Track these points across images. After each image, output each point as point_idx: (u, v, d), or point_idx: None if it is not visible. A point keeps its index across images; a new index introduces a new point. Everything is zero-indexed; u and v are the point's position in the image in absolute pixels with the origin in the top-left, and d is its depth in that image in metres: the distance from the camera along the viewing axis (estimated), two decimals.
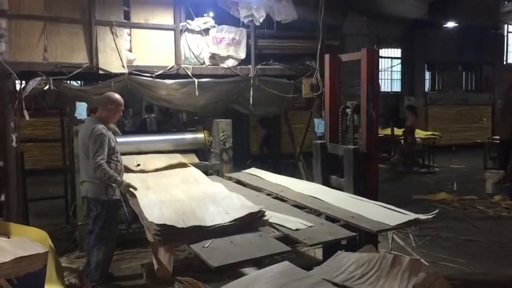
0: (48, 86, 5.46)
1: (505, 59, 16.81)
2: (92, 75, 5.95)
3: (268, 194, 4.80)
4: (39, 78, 5.40)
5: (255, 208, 3.63)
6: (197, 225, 3.31)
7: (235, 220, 3.45)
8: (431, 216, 3.62)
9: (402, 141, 11.22)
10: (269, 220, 3.62)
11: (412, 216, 3.61)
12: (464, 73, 15.89)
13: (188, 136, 6.58)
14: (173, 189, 4.67)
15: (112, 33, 5.83)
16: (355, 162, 4.57)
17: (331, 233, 3.44)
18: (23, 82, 5.51)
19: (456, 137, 14.46)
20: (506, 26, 16.38)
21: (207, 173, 5.70)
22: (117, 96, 4.62)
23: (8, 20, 5.34)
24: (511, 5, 13.64)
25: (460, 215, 7.19)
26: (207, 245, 3.15)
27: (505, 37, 16.79)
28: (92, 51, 5.76)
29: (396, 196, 7.52)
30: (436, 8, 13.35)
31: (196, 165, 5.85)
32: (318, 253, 4.97)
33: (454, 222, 6.73)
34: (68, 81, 5.96)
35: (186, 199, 4.19)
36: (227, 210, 3.64)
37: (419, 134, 11.58)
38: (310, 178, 5.95)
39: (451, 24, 13.85)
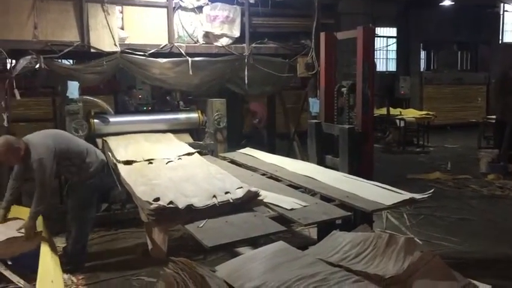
0: (39, 64, 5.37)
1: (500, 38, 16.71)
2: (84, 53, 5.84)
3: (263, 174, 4.78)
4: (30, 57, 5.30)
5: (249, 188, 3.61)
6: (191, 205, 3.29)
7: (229, 200, 3.44)
8: (426, 196, 3.62)
9: (397, 120, 11.20)
10: (264, 200, 3.61)
11: (407, 195, 3.60)
12: (459, 52, 15.79)
13: (182, 116, 6.54)
14: (166, 169, 4.65)
15: (104, 10, 5.70)
16: (350, 142, 4.55)
17: (326, 213, 3.43)
18: (13, 61, 5.42)
19: (451, 116, 14.45)
20: (502, 4, 16.21)
21: (201, 153, 5.66)
22: None
23: None
24: None
25: (454, 194, 7.22)
26: (201, 225, 3.14)
27: (501, 16, 16.65)
28: (83, 29, 5.65)
29: (391, 175, 7.55)
30: None
31: (190, 145, 5.81)
32: (313, 233, 4.97)
33: (448, 201, 6.75)
34: (60, 60, 5.85)
35: (179, 179, 4.16)
36: (222, 190, 3.62)
37: (414, 113, 11.56)
38: (305, 158, 5.93)
39: (446, 3, 13.71)
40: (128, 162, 4.88)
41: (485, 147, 9.79)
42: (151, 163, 4.94)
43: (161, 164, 4.91)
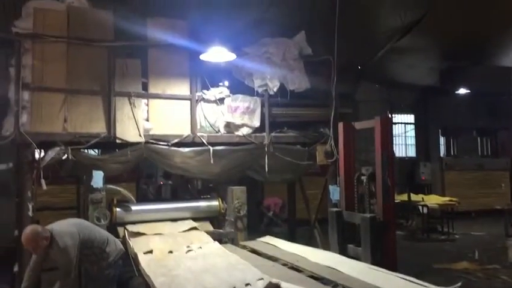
0: (66, 155, 5.55)
1: None
2: (110, 144, 6.04)
3: (284, 264, 4.69)
4: (58, 148, 5.49)
5: (270, 279, 3.54)
6: None
7: None
8: None
9: (420, 207, 11.01)
10: None
11: None
12: (479, 138, 15.82)
13: (203, 204, 6.58)
14: (186, 259, 4.61)
15: (130, 103, 5.98)
16: (372, 231, 4.50)
17: None
18: (42, 151, 5.61)
19: (475, 202, 14.14)
20: None
21: (221, 241, 5.62)
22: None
23: (30, 92, 5.53)
24: None
25: (484, 285, 6.90)
26: None
27: None
28: (110, 121, 5.89)
29: (417, 265, 7.28)
30: (447, 75, 13.55)
31: (210, 234, 5.79)
32: None
33: None
34: (86, 150, 6.06)
35: (199, 269, 4.11)
36: (242, 282, 3.55)
37: (437, 200, 11.38)
38: (326, 245, 5.83)
39: (462, 91, 13.98)
40: (148, 252, 4.87)
41: None
42: (171, 252, 4.92)
43: (181, 253, 4.89)
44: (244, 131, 6.70)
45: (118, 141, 5.91)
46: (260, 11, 7.78)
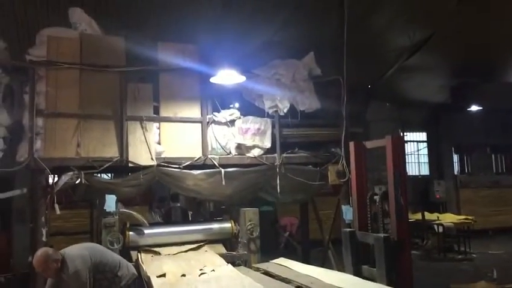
0: (79, 179, 5.60)
1: None
2: (122, 168, 6.09)
3: (298, 286, 4.64)
4: (72, 173, 5.54)
5: None
6: None
7: None
8: None
9: (435, 226, 10.87)
10: None
11: None
12: (493, 155, 15.68)
13: (216, 226, 6.56)
14: (199, 282, 4.58)
15: (142, 127, 6.04)
16: (386, 251, 4.45)
17: None
18: (56, 176, 5.67)
19: (491, 220, 13.92)
20: None
21: (234, 264, 5.59)
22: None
23: (44, 118, 5.62)
24: None
25: None
26: None
27: None
28: (122, 145, 5.94)
29: (433, 285, 7.18)
30: (458, 93, 13.52)
31: (223, 256, 5.76)
32: None
33: None
34: (99, 175, 6.10)
35: None
36: None
37: (452, 218, 11.23)
38: (340, 267, 5.76)
39: (474, 108, 13.92)
40: (161, 276, 4.85)
41: None
42: (184, 275, 4.89)
43: (194, 276, 4.86)
44: (256, 152, 6.71)
45: (130, 165, 5.95)
46: (269, 34, 7.89)
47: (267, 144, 6.79)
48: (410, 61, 9.98)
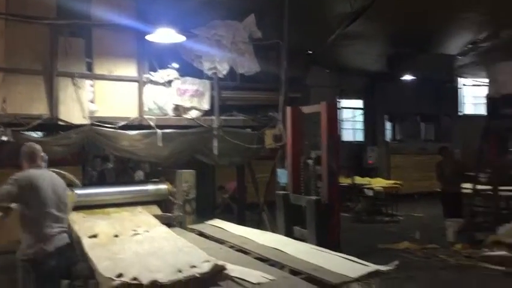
0: (6, 137, 5.33)
1: (460, 110, 17.53)
2: (53, 126, 5.85)
3: (231, 247, 4.72)
4: None
5: (216, 262, 3.56)
6: (156, 281, 3.21)
7: (195, 275, 3.37)
8: (391, 268, 3.63)
9: (366, 190, 11.36)
10: (230, 274, 3.55)
11: (373, 267, 3.61)
12: (422, 123, 16.42)
13: (151, 187, 6.49)
14: (132, 243, 4.55)
15: (74, 84, 5.80)
16: (317, 213, 4.60)
17: (293, 287, 3.39)
18: None
19: (417, 185, 14.71)
20: (459, 79, 17.18)
21: (169, 225, 5.58)
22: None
23: None
24: (465, 60, 14.35)
25: (423, 264, 7.23)
26: None
27: (459, 90, 17.57)
28: (52, 102, 5.69)
29: (362, 246, 7.53)
30: (394, 62, 13.95)
31: (158, 217, 5.73)
32: None
33: (417, 272, 6.74)
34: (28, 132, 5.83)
35: (145, 253, 4.07)
36: (188, 264, 3.55)
37: (382, 183, 11.77)
38: (275, 229, 5.91)
39: (408, 77, 14.42)
40: (93, 236, 4.77)
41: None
42: (116, 236, 4.84)
43: (127, 237, 4.81)
44: (193, 114, 6.65)
45: (61, 123, 5.73)
46: None
47: (205, 106, 6.73)
48: (351, 28, 10.11)
